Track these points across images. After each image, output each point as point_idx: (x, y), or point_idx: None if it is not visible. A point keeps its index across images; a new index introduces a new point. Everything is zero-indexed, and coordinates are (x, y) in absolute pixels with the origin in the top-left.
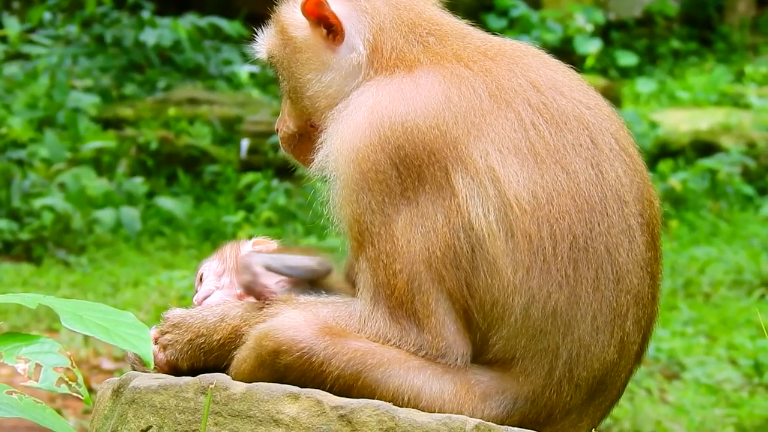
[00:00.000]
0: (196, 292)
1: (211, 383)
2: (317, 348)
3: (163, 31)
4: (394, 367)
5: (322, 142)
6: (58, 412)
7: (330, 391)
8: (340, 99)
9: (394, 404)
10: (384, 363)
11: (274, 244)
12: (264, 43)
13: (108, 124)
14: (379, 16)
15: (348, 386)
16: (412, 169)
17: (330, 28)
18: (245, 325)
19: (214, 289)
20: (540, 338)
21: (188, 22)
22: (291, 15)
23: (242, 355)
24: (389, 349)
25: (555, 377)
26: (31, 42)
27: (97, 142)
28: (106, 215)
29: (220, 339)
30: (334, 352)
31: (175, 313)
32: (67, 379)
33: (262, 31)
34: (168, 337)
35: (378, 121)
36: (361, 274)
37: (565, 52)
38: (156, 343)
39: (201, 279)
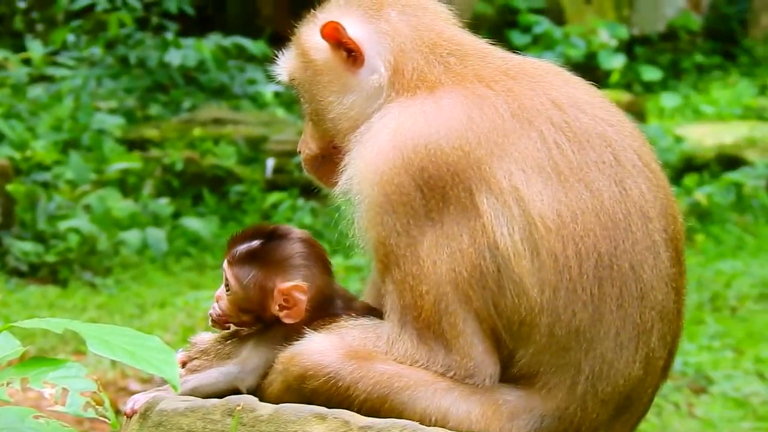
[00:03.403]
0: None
1: (239, 405)
2: (343, 372)
3: (187, 52)
4: (421, 390)
5: (345, 165)
6: None
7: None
8: (362, 121)
9: None
10: (411, 385)
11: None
12: (285, 66)
13: (133, 145)
14: (399, 37)
15: (375, 409)
16: (436, 191)
17: (350, 51)
18: None
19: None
20: (562, 354)
21: (212, 42)
22: (311, 38)
23: (269, 379)
24: (416, 371)
25: (578, 392)
26: (55, 64)
27: (122, 163)
28: (131, 236)
29: None
30: (360, 376)
31: (203, 338)
32: (93, 403)
33: (284, 54)
34: (196, 363)
35: (401, 143)
36: (387, 296)
37: (589, 67)
38: (183, 367)
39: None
